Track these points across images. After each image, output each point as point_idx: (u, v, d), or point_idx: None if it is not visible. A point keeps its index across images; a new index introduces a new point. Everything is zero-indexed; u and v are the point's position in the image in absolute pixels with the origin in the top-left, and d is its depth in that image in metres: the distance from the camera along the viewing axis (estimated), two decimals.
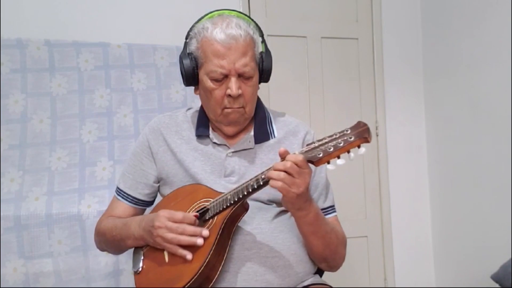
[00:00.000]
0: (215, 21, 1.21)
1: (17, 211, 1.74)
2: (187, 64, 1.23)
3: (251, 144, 1.27)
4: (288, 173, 1.03)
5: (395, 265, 2.63)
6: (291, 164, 1.03)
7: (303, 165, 1.04)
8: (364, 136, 1.01)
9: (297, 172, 1.03)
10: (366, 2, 2.63)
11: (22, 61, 1.84)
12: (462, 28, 2.40)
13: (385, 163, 2.63)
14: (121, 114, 1.97)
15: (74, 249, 1.79)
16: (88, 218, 1.80)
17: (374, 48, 2.64)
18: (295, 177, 1.03)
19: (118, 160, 1.92)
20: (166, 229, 1.12)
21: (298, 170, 1.03)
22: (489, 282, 1.83)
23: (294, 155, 1.04)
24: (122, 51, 1.99)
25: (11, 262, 1.72)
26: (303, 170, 1.04)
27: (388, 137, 2.64)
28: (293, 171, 1.03)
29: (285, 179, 1.03)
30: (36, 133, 1.84)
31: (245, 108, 1.24)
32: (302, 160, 1.03)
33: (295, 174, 1.03)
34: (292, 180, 1.03)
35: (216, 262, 1.10)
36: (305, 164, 1.04)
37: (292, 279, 1.20)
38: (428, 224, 2.68)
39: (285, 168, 1.03)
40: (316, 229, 1.16)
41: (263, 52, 1.27)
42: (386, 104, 2.64)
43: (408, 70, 2.69)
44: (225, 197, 1.12)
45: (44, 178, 1.82)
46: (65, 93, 1.90)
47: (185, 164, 1.26)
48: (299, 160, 1.03)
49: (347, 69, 2.60)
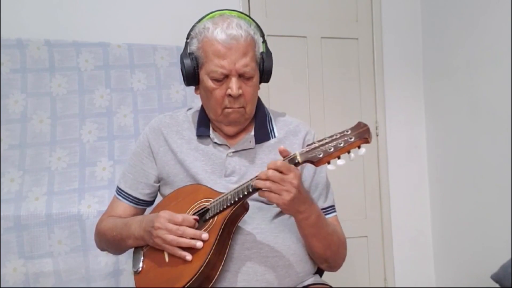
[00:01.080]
0: (216, 21, 1.21)
1: (17, 211, 1.74)
2: (188, 64, 1.23)
3: (251, 144, 1.27)
4: (273, 181, 1.03)
5: (395, 265, 2.63)
6: (272, 172, 1.02)
7: (284, 169, 1.03)
8: (364, 136, 1.01)
9: (280, 178, 1.03)
10: (366, 2, 2.63)
11: (22, 61, 1.84)
12: (462, 28, 2.40)
13: (385, 163, 2.63)
14: (121, 114, 1.97)
15: (74, 249, 1.79)
16: (88, 218, 1.80)
17: (374, 48, 2.64)
18: (280, 184, 1.03)
19: (118, 160, 1.92)
20: (166, 231, 1.12)
21: (280, 176, 1.03)
22: (489, 282, 1.83)
23: (272, 162, 1.03)
24: (122, 51, 1.99)
25: (11, 262, 1.72)
26: (286, 176, 1.03)
27: (388, 137, 2.64)
28: (276, 178, 1.02)
29: (272, 187, 1.03)
30: (36, 133, 1.84)
31: (246, 108, 1.24)
32: (280, 165, 1.03)
33: (279, 180, 1.03)
34: (279, 187, 1.03)
35: (217, 261, 1.10)
36: (285, 169, 1.03)
37: (292, 279, 1.20)
38: (428, 224, 2.68)
39: (267, 176, 1.03)
40: (317, 231, 1.16)
41: (264, 52, 1.27)
42: (386, 104, 2.64)
43: (408, 70, 2.69)
44: (225, 197, 1.12)
45: (44, 178, 1.82)
46: (65, 93, 1.90)
47: (185, 164, 1.26)
48: (278, 165, 1.03)
49: (347, 69, 2.60)
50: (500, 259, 1.87)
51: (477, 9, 2.31)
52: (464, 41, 2.39)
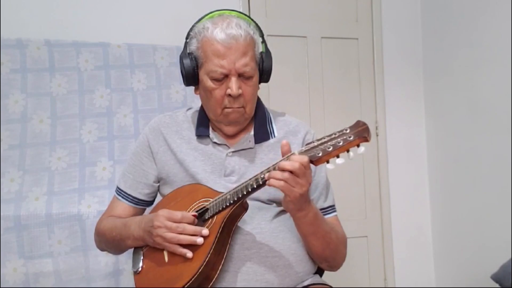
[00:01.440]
0: (215, 21, 1.21)
1: (17, 211, 1.74)
2: (188, 64, 1.23)
3: (251, 143, 1.27)
4: (295, 174, 1.03)
5: (395, 265, 2.63)
6: (300, 165, 1.02)
7: (308, 166, 1.04)
8: (363, 135, 1.00)
9: (303, 173, 1.03)
10: (366, 2, 2.63)
11: (22, 61, 1.84)
12: (462, 28, 2.40)
13: (385, 163, 2.63)
14: (121, 114, 1.97)
15: (74, 249, 1.79)
16: (88, 218, 1.80)
17: (374, 48, 2.64)
18: (299, 177, 1.03)
19: (118, 160, 1.92)
20: (165, 229, 1.12)
21: (304, 171, 1.03)
22: (489, 282, 1.83)
23: (300, 156, 1.03)
24: (122, 51, 2.00)
25: (11, 262, 1.72)
26: (306, 171, 1.04)
27: (388, 137, 2.64)
28: (300, 171, 1.02)
29: (289, 179, 1.03)
30: (36, 133, 1.84)
31: (245, 108, 1.24)
32: (307, 161, 1.03)
33: (301, 174, 1.03)
34: (296, 180, 1.03)
35: (216, 261, 1.10)
36: (309, 165, 1.04)
37: (292, 279, 1.19)
38: (428, 224, 2.68)
39: (293, 168, 1.02)
40: (315, 229, 1.16)
41: (263, 52, 1.27)
42: (386, 104, 2.64)
43: (408, 70, 2.69)
44: (225, 197, 1.12)
45: (44, 178, 1.82)
46: (65, 93, 1.90)
47: (185, 164, 1.26)
48: (305, 161, 1.03)
49: (347, 69, 2.60)
50: (500, 259, 1.86)
51: (477, 9, 2.31)
52: (464, 41, 2.39)
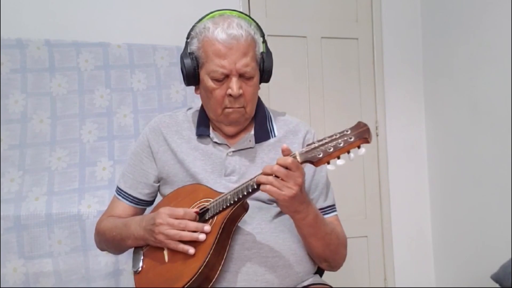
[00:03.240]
0: (216, 21, 1.21)
1: (17, 211, 1.74)
2: (188, 64, 1.23)
3: (251, 143, 1.27)
4: (277, 176, 1.03)
5: (395, 265, 2.63)
6: (278, 167, 1.03)
7: (292, 167, 1.03)
8: (364, 136, 1.01)
9: (285, 174, 1.03)
10: (366, 2, 2.63)
11: (22, 61, 1.85)
12: (462, 28, 2.40)
13: (385, 163, 2.63)
14: (121, 114, 1.97)
15: (74, 249, 1.79)
16: (88, 218, 1.80)
17: (374, 48, 2.64)
18: (284, 179, 1.03)
19: (118, 160, 1.92)
20: (167, 226, 1.12)
21: (285, 172, 1.03)
22: (489, 282, 1.83)
23: (283, 158, 1.04)
24: (122, 51, 2.00)
25: (11, 262, 1.72)
26: (292, 173, 1.03)
27: (388, 137, 2.64)
28: (281, 174, 1.03)
29: (274, 182, 1.03)
30: (36, 133, 1.84)
31: (246, 108, 1.24)
32: (291, 162, 1.03)
33: (284, 176, 1.03)
34: (281, 183, 1.03)
35: (216, 262, 1.10)
36: (294, 166, 1.03)
37: (292, 279, 1.19)
38: (428, 224, 2.68)
39: (272, 171, 1.03)
40: (315, 231, 1.16)
41: (264, 52, 1.27)
42: (386, 104, 2.64)
43: (408, 70, 2.69)
44: (225, 197, 1.12)
45: (44, 178, 1.82)
46: (65, 93, 1.90)
47: (185, 164, 1.26)
48: (288, 162, 1.03)
49: (347, 69, 2.60)
50: (500, 259, 1.86)
51: (477, 9, 2.31)
52: (464, 41, 2.39)
